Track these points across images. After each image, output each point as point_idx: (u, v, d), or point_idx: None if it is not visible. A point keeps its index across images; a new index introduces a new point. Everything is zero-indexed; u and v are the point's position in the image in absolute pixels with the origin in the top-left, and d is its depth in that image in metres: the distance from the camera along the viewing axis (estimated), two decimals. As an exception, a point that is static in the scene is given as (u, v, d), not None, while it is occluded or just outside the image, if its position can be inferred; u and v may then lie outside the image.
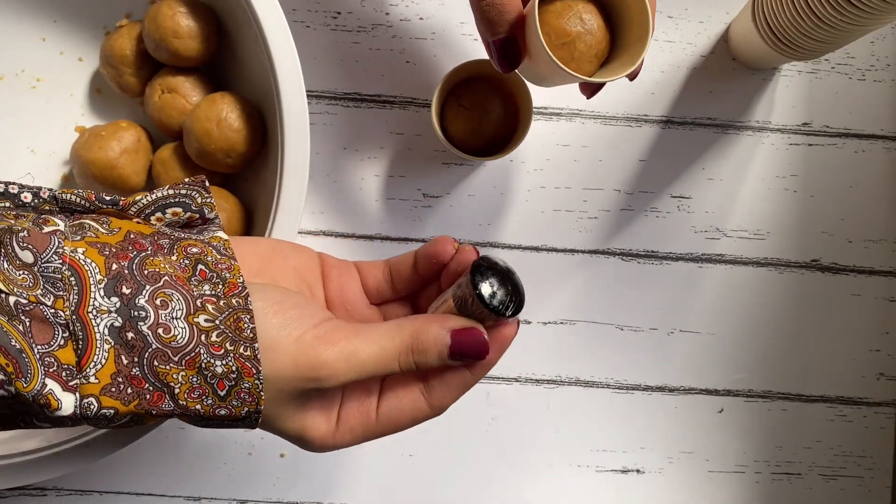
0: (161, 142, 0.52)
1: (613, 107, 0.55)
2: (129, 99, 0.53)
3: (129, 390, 0.28)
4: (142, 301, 0.29)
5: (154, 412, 0.29)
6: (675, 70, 0.55)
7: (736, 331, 0.56)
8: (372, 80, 0.54)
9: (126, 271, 0.29)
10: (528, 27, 0.37)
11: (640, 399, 0.55)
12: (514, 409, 0.55)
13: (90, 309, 0.28)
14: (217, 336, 0.29)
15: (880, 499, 0.56)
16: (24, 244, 0.28)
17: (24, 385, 0.26)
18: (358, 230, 0.54)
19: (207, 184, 0.35)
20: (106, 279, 0.29)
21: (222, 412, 0.30)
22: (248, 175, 0.50)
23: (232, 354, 0.29)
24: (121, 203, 0.33)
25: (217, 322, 0.30)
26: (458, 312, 0.33)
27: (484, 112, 0.50)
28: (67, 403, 0.27)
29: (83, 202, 0.33)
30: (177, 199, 0.34)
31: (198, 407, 0.29)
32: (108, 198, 0.33)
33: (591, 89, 0.42)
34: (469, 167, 0.54)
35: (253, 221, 0.49)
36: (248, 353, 0.29)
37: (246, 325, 0.30)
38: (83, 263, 0.29)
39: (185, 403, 0.29)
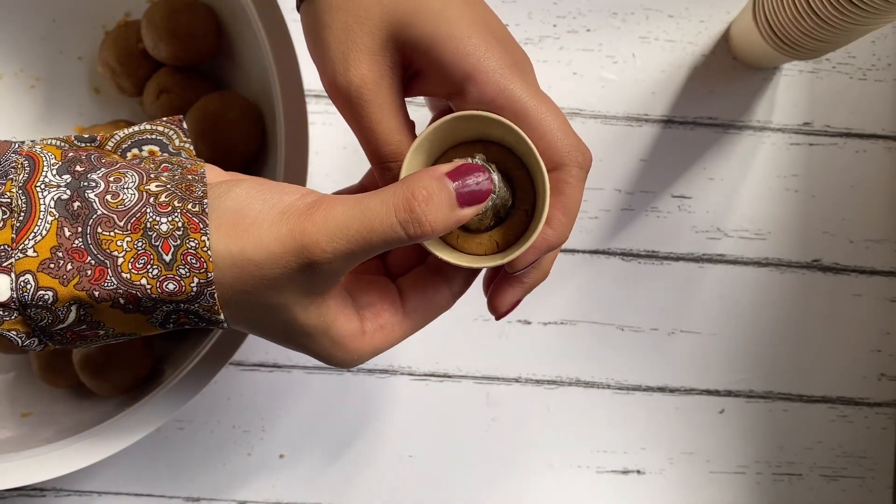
0: (160, 141, 0.51)
1: (614, 106, 0.55)
2: (127, 98, 0.52)
3: (70, 266, 0.26)
4: (94, 175, 0.27)
5: (96, 293, 0.26)
6: (675, 69, 0.55)
7: (737, 331, 0.55)
8: (372, 80, 0.54)
9: (83, 156, 0.28)
10: None
11: (641, 400, 0.55)
12: (515, 410, 0.55)
13: (38, 183, 0.27)
14: (166, 196, 0.27)
15: (881, 499, 0.56)
16: None
17: None
18: (358, 230, 0.54)
19: (186, 126, 0.32)
20: (60, 163, 0.28)
21: (170, 286, 0.27)
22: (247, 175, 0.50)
23: (179, 210, 0.27)
24: (98, 139, 0.32)
25: (168, 186, 0.28)
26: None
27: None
28: (2, 286, 0.25)
29: (62, 144, 0.31)
30: (154, 137, 0.32)
31: (143, 281, 0.26)
32: (86, 136, 0.32)
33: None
34: (469, 167, 0.54)
35: (252, 221, 0.49)
36: (195, 209, 0.27)
37: (197, 188, 0.28)
38: (40, 153, 0.28)
39: (129, 277, 0.26)
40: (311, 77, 0.54)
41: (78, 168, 0.28)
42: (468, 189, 0.28)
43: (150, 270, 0.27)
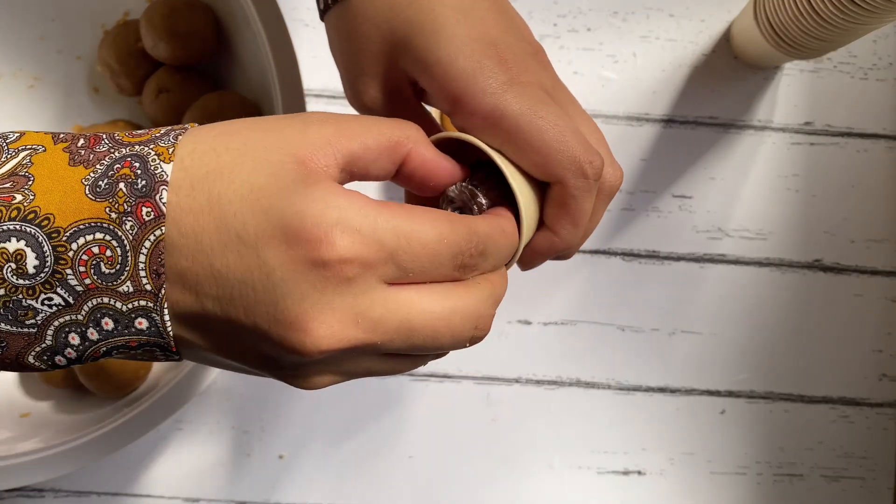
0: (160, 141, 0.51)
1: (615, 106, 0.55)
2: (127, 98, 0.52)
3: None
4: None
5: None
6: (676, 69, 0.55)
7: (738, 331, 0.55)
8: (372, 79, 0.54)
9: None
10: None
11: (642, 400, 0.55)
12: (515, 410, 0.55)
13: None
14: None
15: (882, 500, 0.56)
16: None
17: None
18: (358, 230, 0.54)
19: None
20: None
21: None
22: (247, 175, 0.50)
23: None
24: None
25: None
26: None
27: None
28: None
29: None
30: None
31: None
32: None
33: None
34: (469, 167, 0.54)
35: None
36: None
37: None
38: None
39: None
40: (310, 77, 0.54)
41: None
42: None
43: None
